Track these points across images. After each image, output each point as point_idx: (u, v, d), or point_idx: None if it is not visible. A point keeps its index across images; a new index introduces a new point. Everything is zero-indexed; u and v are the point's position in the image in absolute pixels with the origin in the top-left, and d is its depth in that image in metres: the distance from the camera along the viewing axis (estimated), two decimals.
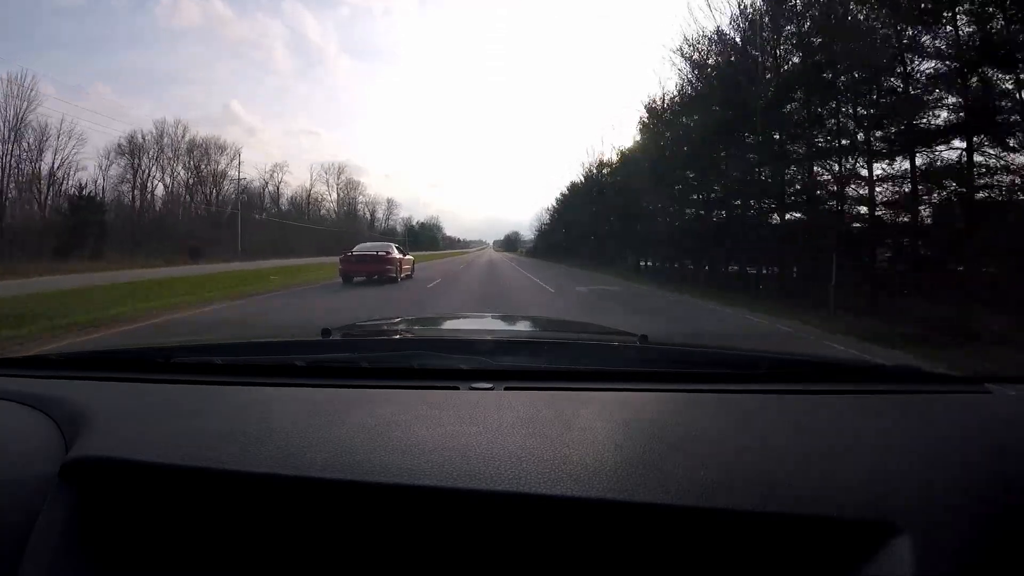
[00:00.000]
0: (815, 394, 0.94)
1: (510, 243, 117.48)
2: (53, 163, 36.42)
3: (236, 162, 49.88)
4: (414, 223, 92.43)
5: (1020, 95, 8.66)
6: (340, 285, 13.19)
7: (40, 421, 0.81)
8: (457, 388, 0.92)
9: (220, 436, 0.73)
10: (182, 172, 47.66)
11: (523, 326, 2.56)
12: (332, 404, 0.86)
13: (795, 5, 13.06)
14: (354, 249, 14.90)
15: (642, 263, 25.21)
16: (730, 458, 0.66)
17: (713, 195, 17.18)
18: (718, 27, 15.46)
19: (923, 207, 10.41)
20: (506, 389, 0.91)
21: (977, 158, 9.31)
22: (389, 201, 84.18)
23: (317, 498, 0.63)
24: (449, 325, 2.38)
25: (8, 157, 33.83)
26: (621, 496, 0.59)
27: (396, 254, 14.57)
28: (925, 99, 9.90)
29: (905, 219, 10.66)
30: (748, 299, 11.09)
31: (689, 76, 17.40)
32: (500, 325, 2.53)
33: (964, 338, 5.99)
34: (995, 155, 9.13)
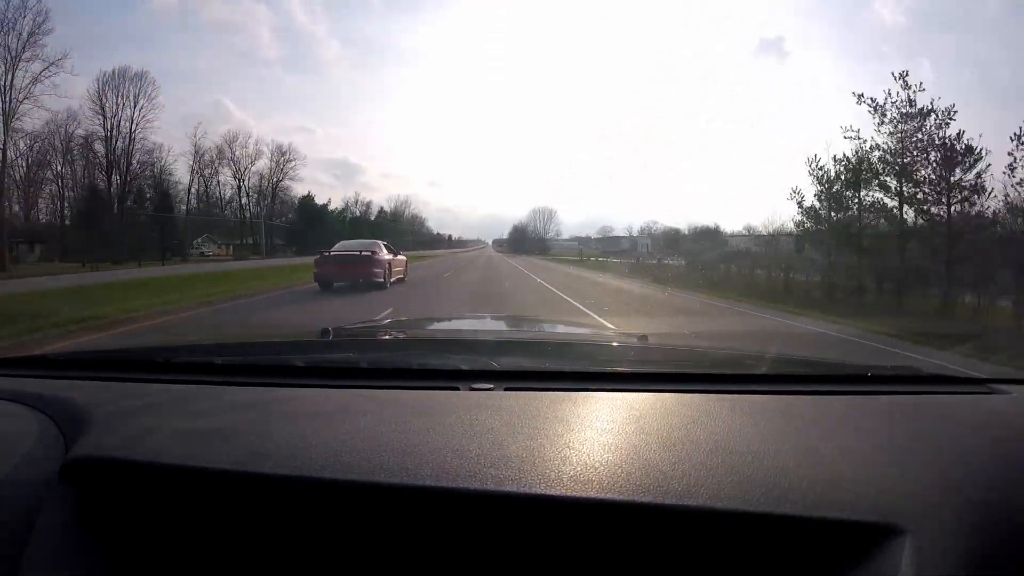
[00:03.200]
0: (816, 395, 0.94)
1: (520, 242, 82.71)
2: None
3: None
4: (358, 206, 62.68)
5: None
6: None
7: (40, 421, 0.81)
8: (457, 389, 0.92)
9: (220, 436, 0.73)
10: None
11: (523, 326, 2.56)
12: (332, 404, 0.86)
13: None
14: (333, 249, 12.82)
15: None
16: (731, 459, 0.66)
17: None
18: None
19: None
20: (506, 390, 0.91)
21: None
22: (281, 153, 43.01)
23: (317, 498, 0.63)
24: (449, 326, 2.38)
25: None
26: (622, 497, 0.59)
27: (385, 254, 12.58)
28: None
29: None
30: None
31: None
32: (500, 326, 2.53)
33: None
34: None
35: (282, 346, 1.46)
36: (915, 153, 13.02)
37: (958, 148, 12.31)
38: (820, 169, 14.79)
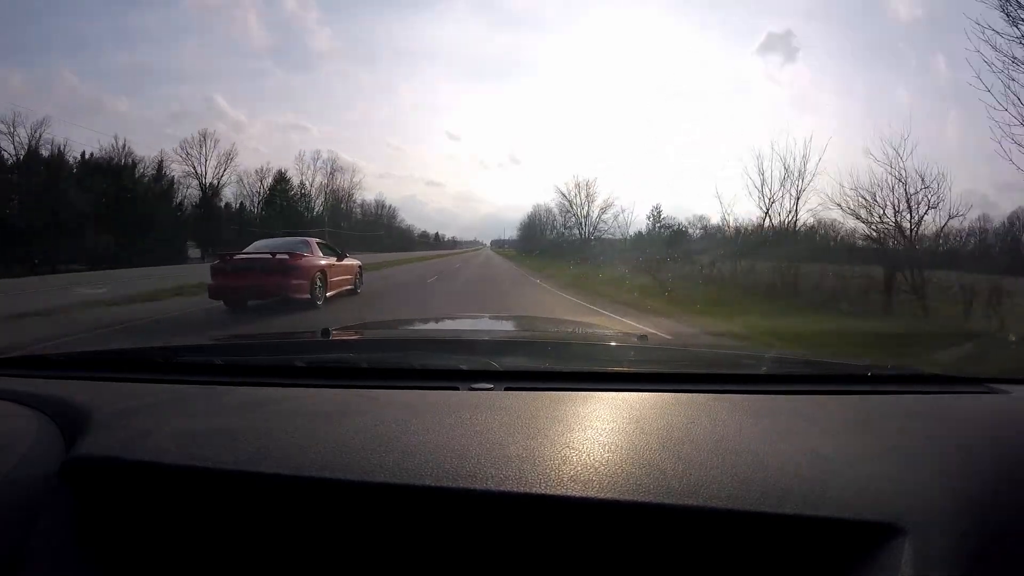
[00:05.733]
0: (816, 395, 0.94)
1: (533, 238, 49.69)
2: None
3: None
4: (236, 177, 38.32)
5: None
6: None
7: (40, 421, 0.81)
8: (457, 388, 0.92)
9: (220, 436, 0.73)
10: None
11: (523, 326, 2.56)
12: (332, 404, 0.86)
13: None
14: (244, 250, 9.04)
15: None
16: (731, 459, 0.66)
17: None
18: None
19: None
20: (506, 389, 0.91)
21: None
22: None
23: (317, 498, 0.63)
24: (449, 325, 2.38)
25: None
26: (622, 496, 0.59)
27: (316, 258, 8.85)
28: None
29: None
30: None
31: None
32: (500, 325, 2.53)
33: None
34: None
35: (282, 346, 1.46)
36: None
37: None
38: None
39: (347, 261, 10.24)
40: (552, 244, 41.48)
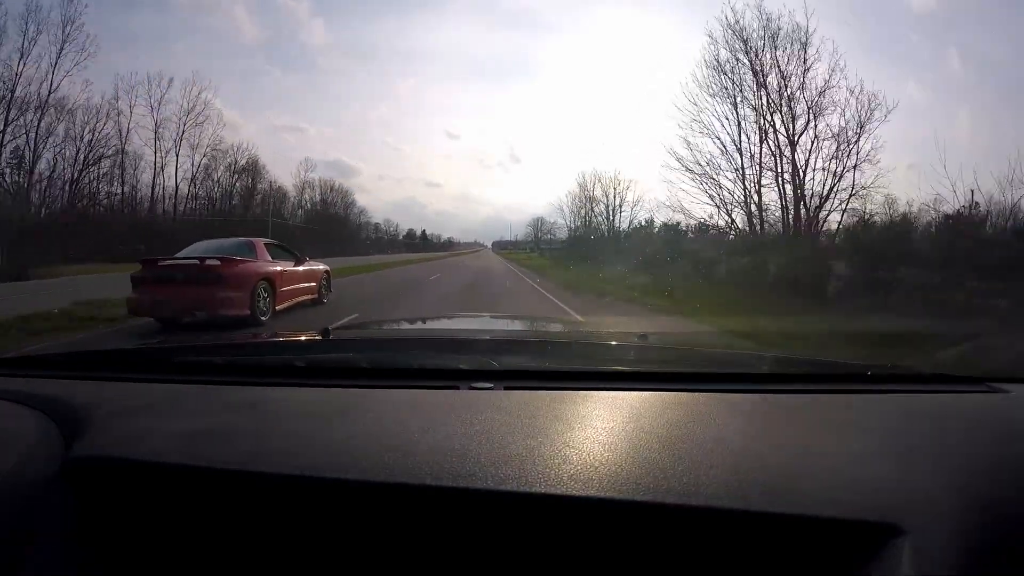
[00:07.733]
0: (816, 394, 0.94)
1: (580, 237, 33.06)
2: None
3: None
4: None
5: None
6: None
7: (40, 421, 0.80)
8: (457, 388, 0.92)
9: (220, 436, 0.73)
10: None
11: (523, 326, 2.57)
12: (332, 404, 0.86)
13: None
14: (172, 256, 7.42)
15: None
16: (731, 459, 0.66)
17: None
18: None
19: None
20: (506, 389, 0.91)
21: None
22: None
23: (317, 497, 0.63)
24: (449, 325, 2.38)
25: None
26: (622, 496, 0.59)
27: (260, 263, 7.39)
28: None
29: None
30: None
31: None
32: (500, 325, 2.53)
33: None
34: None
35: (282, 346, 1.46)
36: None
37: None
38: None
39: (308, 266, 8.82)
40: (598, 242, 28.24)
